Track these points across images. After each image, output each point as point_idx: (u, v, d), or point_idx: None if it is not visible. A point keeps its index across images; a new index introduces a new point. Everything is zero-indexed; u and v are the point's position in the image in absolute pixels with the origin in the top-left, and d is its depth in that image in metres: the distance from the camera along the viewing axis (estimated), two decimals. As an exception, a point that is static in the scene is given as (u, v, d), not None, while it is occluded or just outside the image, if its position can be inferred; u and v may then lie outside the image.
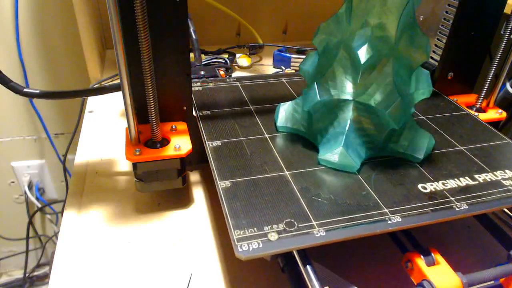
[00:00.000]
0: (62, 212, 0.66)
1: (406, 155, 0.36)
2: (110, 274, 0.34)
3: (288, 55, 0.68)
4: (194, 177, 0.45)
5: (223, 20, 0.75)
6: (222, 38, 0.78)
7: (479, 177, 0.35)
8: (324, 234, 0.28)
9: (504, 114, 0.47)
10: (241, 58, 0.68)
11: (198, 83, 0.48)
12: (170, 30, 0.34)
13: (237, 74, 0.66)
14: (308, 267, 0.28)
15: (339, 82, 0.34)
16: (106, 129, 0.52)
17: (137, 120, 0.35)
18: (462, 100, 0.48)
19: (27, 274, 1.05)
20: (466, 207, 0.32)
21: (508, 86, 0.56)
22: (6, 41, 0.76)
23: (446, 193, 0.33)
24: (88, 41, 0.60)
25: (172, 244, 0.37)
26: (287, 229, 0.28)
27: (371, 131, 0.35)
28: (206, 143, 0.37)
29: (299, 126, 0.39)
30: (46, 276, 1.08)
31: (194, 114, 0.41)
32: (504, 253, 0.34)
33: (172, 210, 0.40)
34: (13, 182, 0.94)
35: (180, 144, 0.37)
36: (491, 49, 0.49)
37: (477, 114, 0.46)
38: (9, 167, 0.91)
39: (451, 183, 0.34)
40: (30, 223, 0.97)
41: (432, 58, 0.51)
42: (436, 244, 0.32)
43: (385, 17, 0.32)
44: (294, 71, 0.67)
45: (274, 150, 0.37)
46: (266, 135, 0.39)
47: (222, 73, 0.60)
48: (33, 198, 0.94)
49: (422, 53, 0.33)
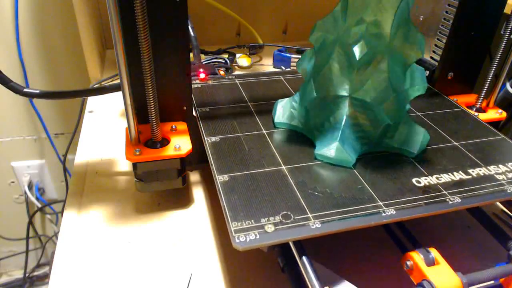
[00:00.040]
0: (62, 212, 0.66)
1: (401, 150, 0.37)
2: (110, 274, 0.34)
3: (288, 55, 0.68)
4: (194, 177, 0.45)
5: (223, 20, 0.75)
6: (222, 38, 0.78)
7: (473, 171, 0.36)
8: (319, 226, 0.29)
9: (504, 114, 0.47)
10: (241, 58, 0.68)
11: (197, 81, 0.49)
12: (170, 30, 0.35)
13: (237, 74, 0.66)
14: (304, 258, 0.29)
15: (335, 79, 0.35)
16: (106, 129, 0.52)
17: (137, 120, 0.35)
18: (462, 100, 0.48)
19: (27, 274, 1.05)
20: (459, 201, 0.32)
21: (508, 86, 0.56)
22: (6, 41, 0.76)
23: (440, 187, 0.33)
24: (88, 41, 0.60)
25: (172, 244, 0.37)
26: (284, 221, 0.29)
27: (367, 127, 0.36)
28: (205, 139, 0.38)
29: (296, 122, 0.39)
30: (46, 276, 1.08)
31: (194, 114, 0.41)
32: (504, 253, 0.34)
33: (172, 210, 0.40)
34: (13, 182, 0.94)
35: (180, 144, 0.37)
36: (491, 49, 0.49)
37: (477, 114, 0.46)
38: (9, 167, 0.91)
39: (445, 177, 0.35)
40: (30, 223, 0.97)
41: (432, 58, 0.51)
42: (436, 244, 0.32)
43: (380, 14, 0.32)
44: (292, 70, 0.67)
45: (271, 145, 0.37)
46: (264, 131, 0.39)
47: (222, 73, 0.60)
48: (33, 198, 0.94)
49: (417, 50, 0.33)
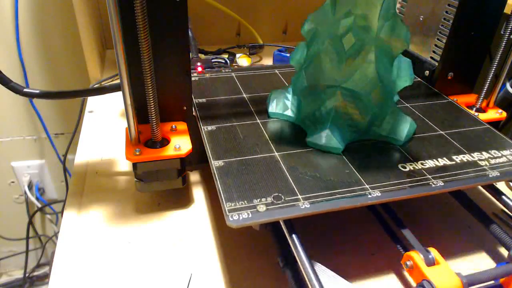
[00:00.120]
0: (62, 212, 0.66)
1: (389, 138, 0.39)
2: (110, 274, 0.34)
3: (288, 55, 0.68)
4: (194, 177, 0.45)
5: (223, 20, 0.75)
6: (222, 38, 0.78)
7: (457, 158, 0.37)
8: (308, 206, 0.30)
9: (504, 114, 0.47)
10: (241, 58, 0.68)
11: (195, 73, 0.50)
12: (170, 30, 0.35)
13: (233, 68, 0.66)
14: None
15: (325, 69, 0.36)
16: (106, 129, 0.52)
17: (137, 120, 0.35)
18: (462, 100, 0.48)
19: (27, 274, 1.04)
20: (442, 184, 0.33)
21: (508, 86, 0.56)
22: (6, 41, 0.76)
23: (424, 171, 0.35)
24: (88, 41, 0.60)
25: (172, 244, 0.37)
26: (275, 202, 0.30)
27: (356, 115, 0.37)
28: (201, 127, 0.39)
29: (290, 113, 0.41)
30: (46, 276, 1.08)
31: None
32: (504, 253, 0.34)
33: (172, 210, 0.40)
34: (13, 182, 0.94)
35: (180, 144, 0.37)
36: (491, 49, 0.49)
37: (477, 114, 0.46)
38: (9, 167, 0.91)
39: (429, 163, 0.36)
40: (30, 223, 0.97)
41: (432, 58, 0.51)
42: (436, 244, 0.32)
43: (367, 8, 0.34)
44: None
45: (265, 134, 0.39)
46: (258, 121, 0.41)
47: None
48: (33, 198, 0.94)
49: (403, 41, 0.35)
